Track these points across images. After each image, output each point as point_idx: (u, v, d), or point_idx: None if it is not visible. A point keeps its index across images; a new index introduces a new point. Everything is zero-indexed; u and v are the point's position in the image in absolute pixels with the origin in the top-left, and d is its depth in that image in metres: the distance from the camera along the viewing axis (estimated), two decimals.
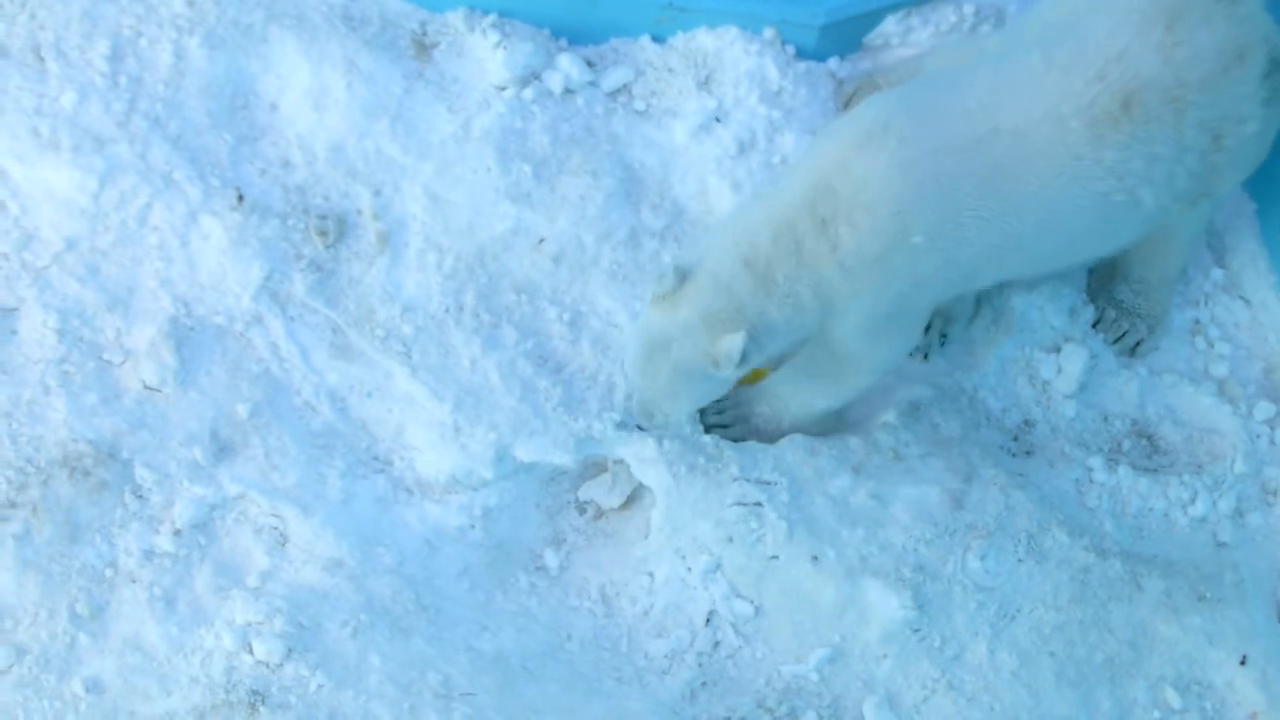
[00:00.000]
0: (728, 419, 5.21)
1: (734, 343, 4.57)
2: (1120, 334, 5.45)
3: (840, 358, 4.90)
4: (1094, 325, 5.46)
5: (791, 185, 4.63)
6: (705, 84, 5.55)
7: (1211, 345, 5.60)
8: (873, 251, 4.56)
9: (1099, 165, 4.59)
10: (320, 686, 4.80)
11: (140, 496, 5.03)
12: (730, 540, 5.07)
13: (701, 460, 5.14)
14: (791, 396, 5.15)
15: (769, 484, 5.12)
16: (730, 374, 4.66)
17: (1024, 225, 4.61)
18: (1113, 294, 5.46)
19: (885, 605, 5.02)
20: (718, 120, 5.52)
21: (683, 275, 4.62)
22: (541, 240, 5.37)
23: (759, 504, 5.08)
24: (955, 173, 4.52)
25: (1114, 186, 4.64)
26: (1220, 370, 5.57)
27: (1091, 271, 5.51)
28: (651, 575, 5.15)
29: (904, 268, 4.60)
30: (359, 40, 5.43)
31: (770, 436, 5.23)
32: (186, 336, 5.19)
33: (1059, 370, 5.47)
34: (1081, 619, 5.10)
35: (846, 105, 5.49)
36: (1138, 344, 5.48)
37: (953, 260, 4.64)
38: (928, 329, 5.33)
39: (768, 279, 4.59)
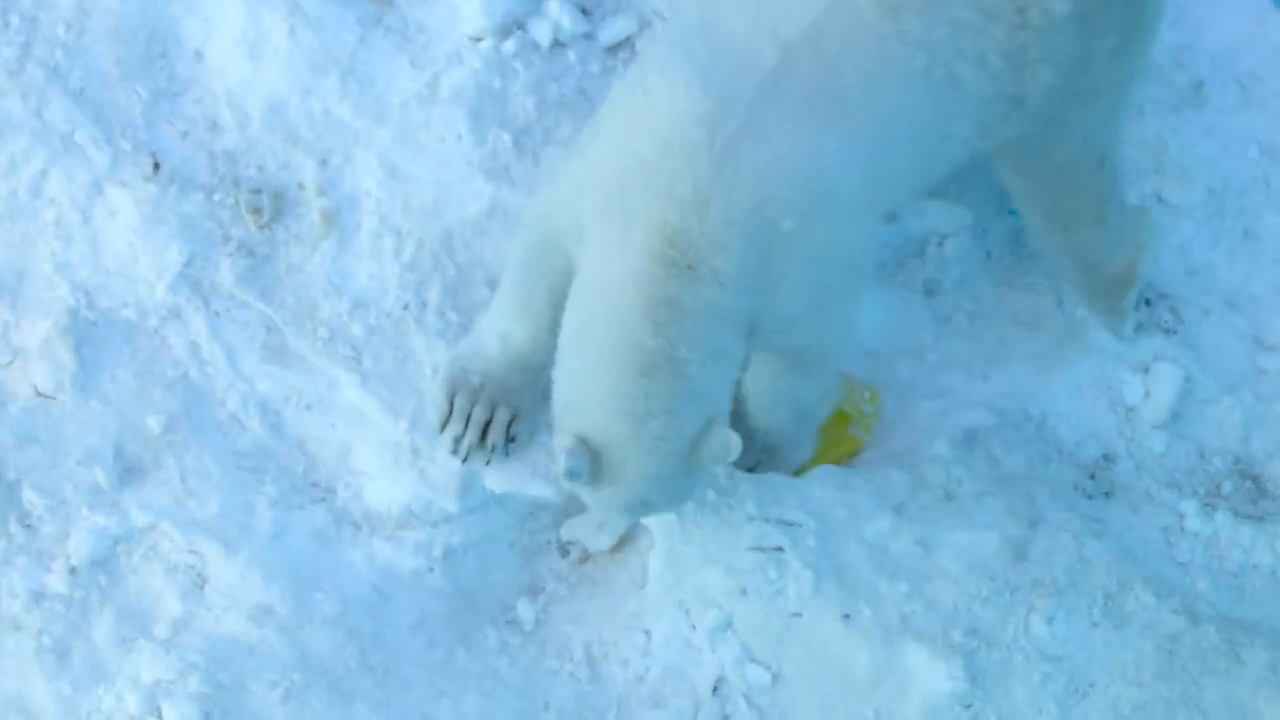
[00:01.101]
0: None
1: (722, 439, 4.65)
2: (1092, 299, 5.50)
3: (796, 354, 4.98)
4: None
5: (619, 258, 4.57)
6: None
7: None
8: (757, 261, 4.55)
9: (904, 40, 4.59)
10: None
11: (28, 526, 5.04)
12: (744, 593, 5.04)
13: (711, 495, 5.12)
14: (777, 414, 5.20)
15: (793, 525, 5.09)
16: (737, 455, 4.71)
17: (872, 139, 4.62)
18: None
19: (930, 675, 4.99)
20: None
21: (587, 447, 4.65)
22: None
23: (780, 549, 5.05)
24: (780, 123, 4.48)
25: (927, 61, 4.64)
26: None
27: None
28: (648, 633, 5.11)
29: (797, 254, 4.60)
30: None
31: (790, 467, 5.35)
32: (88, 333, 5.19)
33: (1147, 394, 5.46)
34: (1168, 697, 5.06)
35: None
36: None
37: (836, 216, 4.65)
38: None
39: (677, 365, 4.57)
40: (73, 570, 4.97)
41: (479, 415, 5.11)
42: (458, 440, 5.14)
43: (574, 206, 4.68)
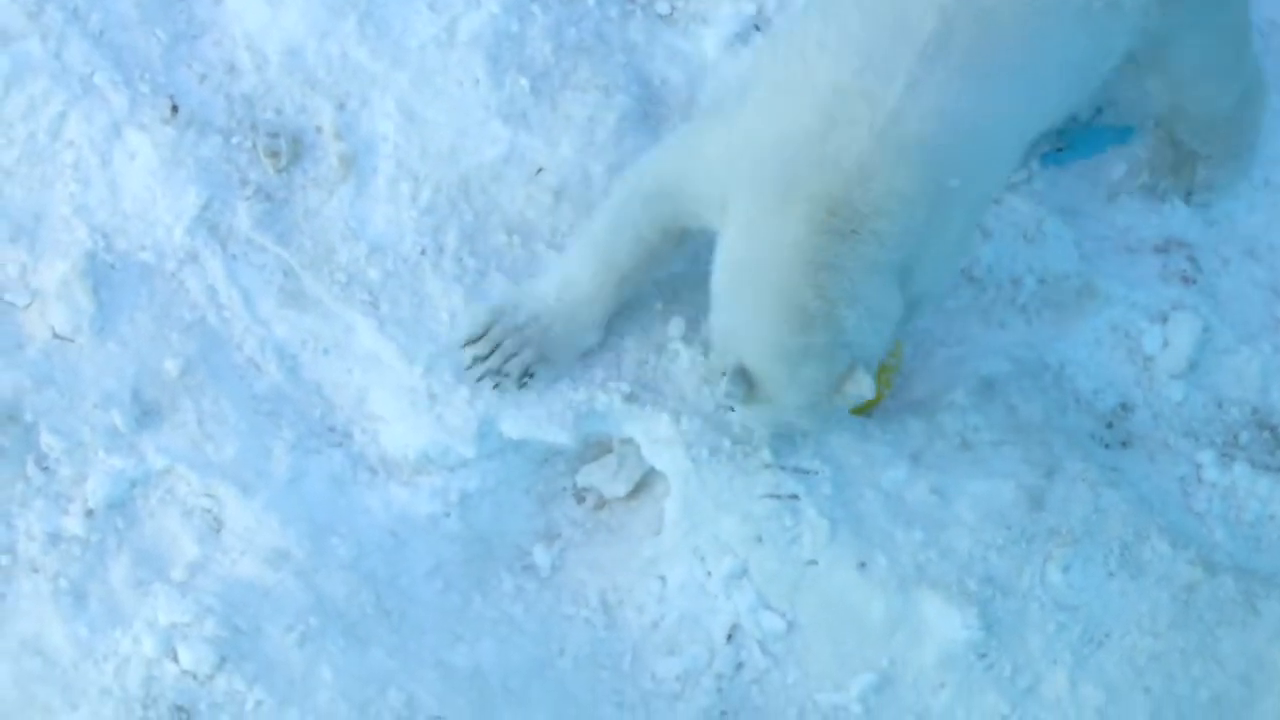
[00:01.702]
0: None
1: (860, 381, 4.76)
2: (1175, 175, 5.55)
3: (920, 295, 4.98)
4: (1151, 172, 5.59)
5: (782, 226, 4.68)
6: None
7: None
8: (921, 220, 4.67)
9: None
10: (259, 703, 4.82)
11: (45, 469, 5.03)
12: (759, 540, 5.05)
13: (727, 442, 5.13)
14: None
15: (808, 473, 5.10)
16: (870, 398, 4.87)
17: (1029, 84, 4.71)
18: (1171, 134, 5.54)
19: (945, 624, 5.01)
20: (757, 28, 5.54)
21: (743, 374, 4.80)
22: (539, 170, 5.36)
23: (795, 497, 5.07)
24: (945, 87, 4.59)
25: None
26: None
27: None
28: (663, 580, 5.12)
29: (960, 206, 4.74)
30: None
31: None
32: (106, 275, 5.20)
33: (1165, 343, 5.45)
34: (1184, 647, 5.07)
35: None
36: (1192, 191, 5.57)
37: (995, 166, 4.83)
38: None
39: (834, 321, 4.71)
40: (90, 513, 4.97)
41: (509, 346, 5.15)
42: (477, 359, 5.17)
43: (718, 176, 4.80)
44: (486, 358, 5.19)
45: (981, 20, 4.57)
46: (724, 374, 4.79)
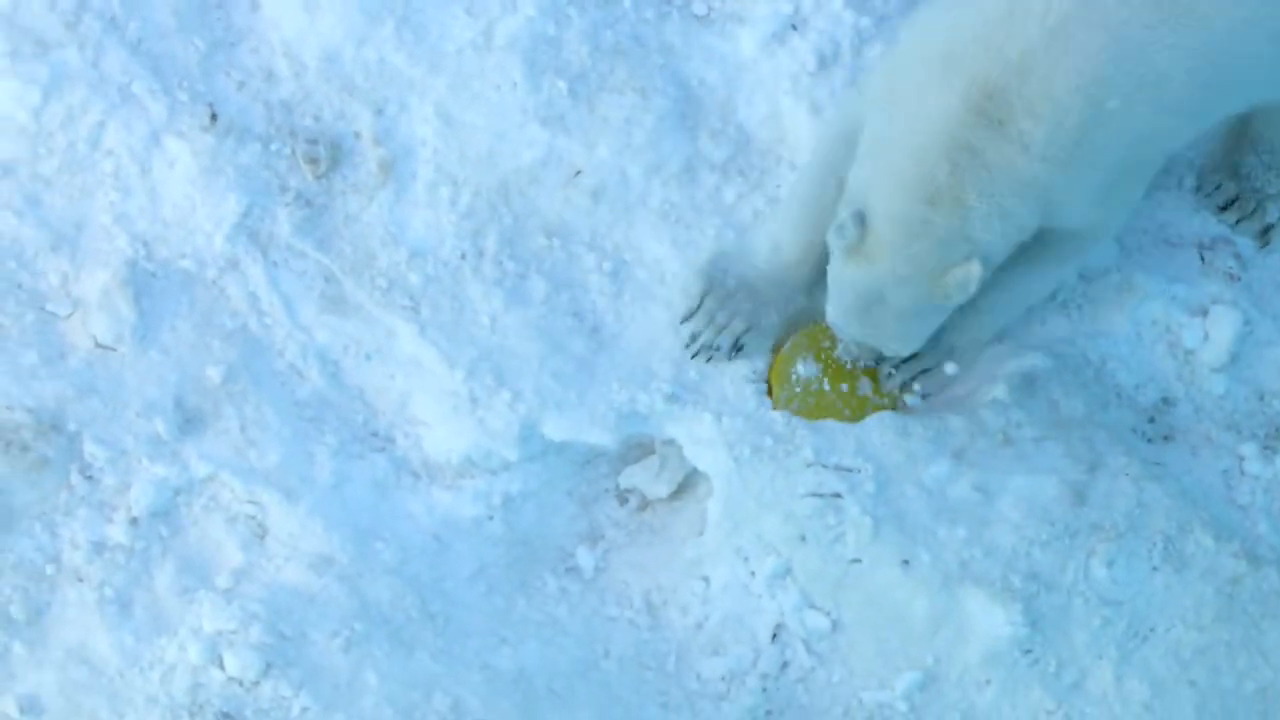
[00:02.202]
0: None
1: (970, 272, 4.81)
2: (1245, 214, 5.48)
3: (1067, 237, 5.07)
4: (1215, 203, 5.51)
5: (939, 98, 4.79)
6: None
7: None
8: (1070, 135, 4.74)
9: None
10: (305, 709, 4.83)
11: (89, 477, 5.04)
12: (803, 539, 5.06)
13: (769, 441, 5.14)
14: (1009, 296, 5.28)
15: (850, 471, 5.11)
16: (963, 299, 4.91)
17: (1214, 42, 4.74)
18: (1238, 166, 5.50)
19: (989, 620, 5.00)
20: (794, 28, 5.54)
21: (861, 222, 4.84)
22: (578, 172, 5.39)
23: (838, 495, 5.07)
24: (1122, 6, 4.68)
25: None
26: None
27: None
28: (706, 580, 5.13)
29: (1114, 135, 4.79)
30: None
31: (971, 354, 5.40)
32: (147, 284, 5.22)
33: (1206, 337, 5.44)
34: (1229, 640, 5.07)
35: None
36: (1268, 229, 5.50)
37: (1163, 105, 4.81)
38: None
39: (961, 205, 4.79)
40: (134, 521, 4.98)
41: (721, 319, 5.21)
42: (695, 336, 5.22)
43: (891, 70, 4.94)
44: (700, 334, 5.23)
45: None
46: (848, 213, 4.84)
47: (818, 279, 5.17)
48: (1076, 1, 4.67)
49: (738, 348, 5.20)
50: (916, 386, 5.31)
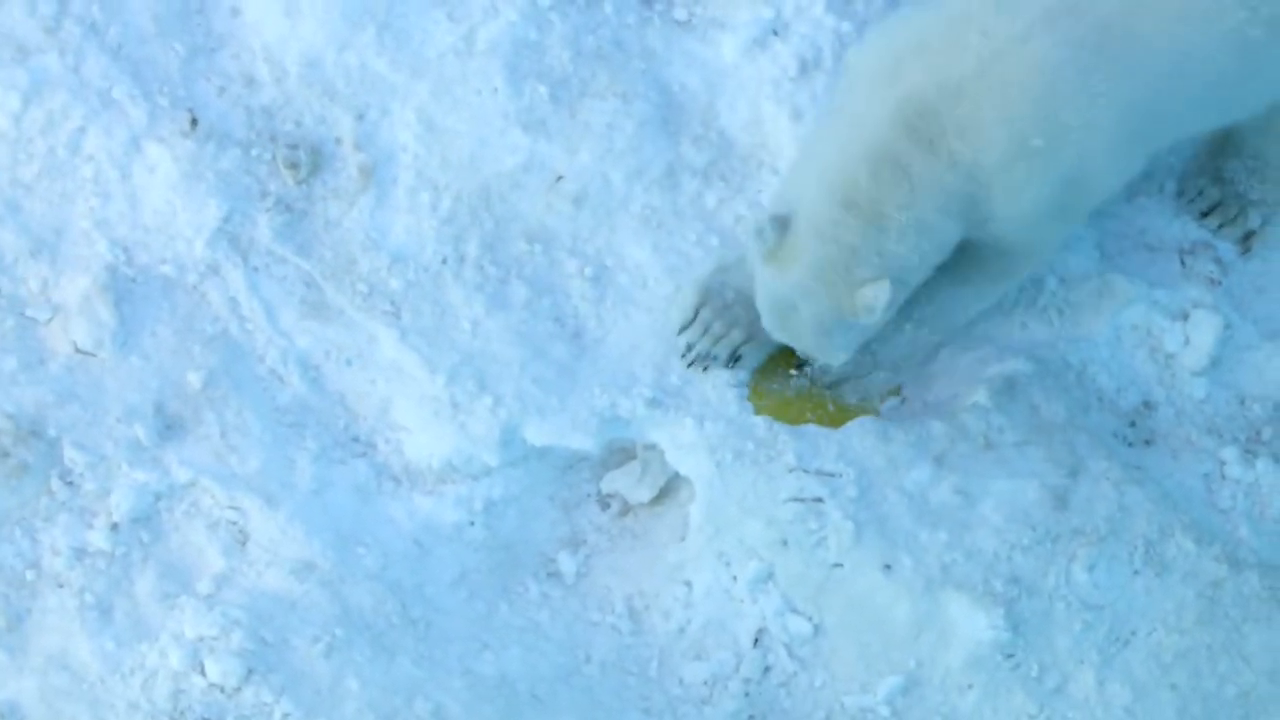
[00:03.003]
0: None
1: (878, 293, 4.83)
2: (1228, 219, 5.50)
3: (999, 254, 5.10)
4: (1197, 209, 5.52)
5: (872, 110, 4.85)
6: None
7: None
8: (995, 163, 4.81)
9: None
10: (286, 715, 4.82)
11: (70, 483, 5.04)
12: (785, 544, 5.06)
13: (750, 446, 5.14)
14: (939, 310, 5.29)
15: (832, 476, 5.11)
16: (877, 320, 4.91)
17: (1153, 85, 4.79)
18: (1220, 170, 5.51)
19: (971, 625, 5.01)
20: (775, 33, 5.52)
21: (782, 226, 4.87)
22: (559, 178, 5.38)
23: (820, 500, 5.07)
24: (1056, 50, 4.74)
25: (1248, 16, 4.76)
26: None
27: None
28: (688, 585, 5.13)
29: (1038, 172, 4.85)
30: None
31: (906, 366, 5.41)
32: (127, 289, 5.21)
33: (1186, 341, 5.43)
34: (1210, 644, 5.08)
35: None
36: (1250, 234, 5.51)
37: (1089, 150, 4.86)
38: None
39: (878, 216, 4.82)
40: (115, 527, 4.97)
41: (719, 330, 5.22)
42: (690, 347, 5.22)
43: (846, 73, 5.03)
44: (696, 344, 5.24)
45: (1124, 3, 4.73)
46: (767, 217, 4.86)
47: None
48: (1014, 36, 4.74)
49: (735, 358, 5.21)
50: (888, 393, 5.36)
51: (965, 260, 5.10)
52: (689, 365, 5.24)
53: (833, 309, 4.88)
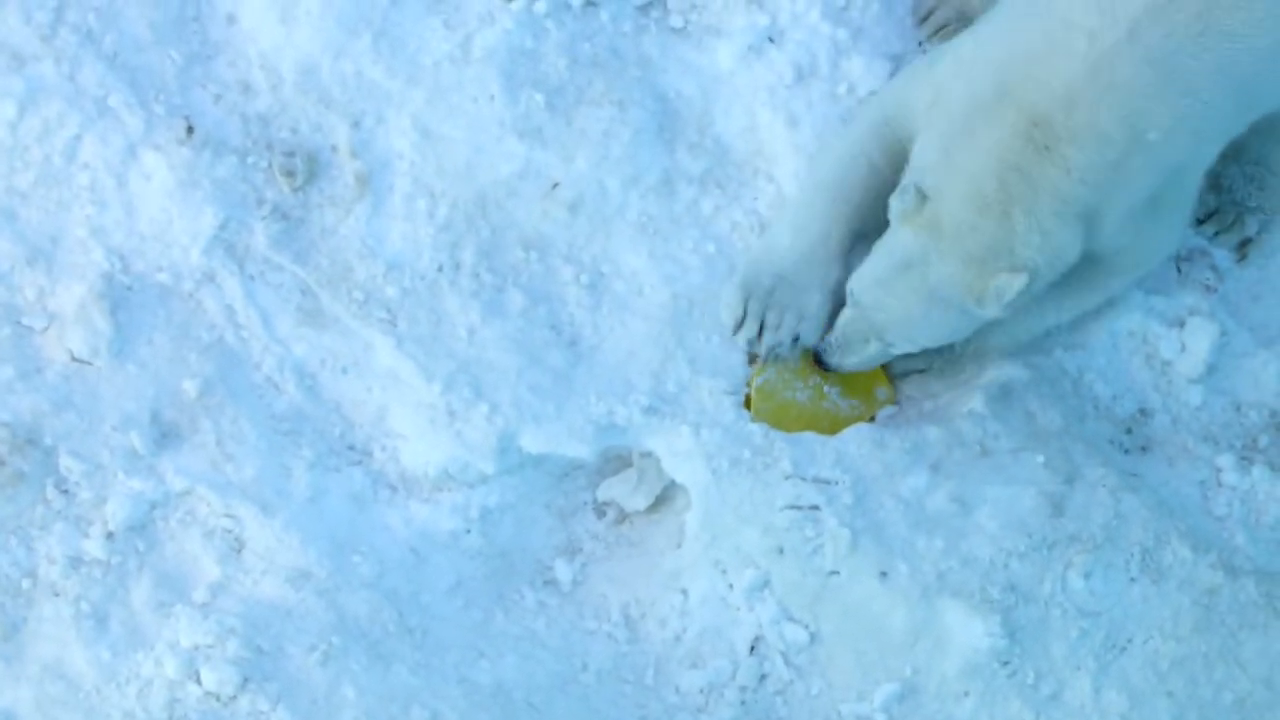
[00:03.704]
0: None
1: (1013, 282, 4.92)
2: (1224, 226, 5.51)
3: (1101, 260, 5.16)
4: (1193, 215, 5.52)
5: (986, 125, 4.94)
6: None
7: None
8: (1111, 162, 4.88)
9: None
10: None
11: (65, 492, 5.04)
12: (781, 551, 5.06)
13: (747, 454, 5.15)
14: (1049, 308, 5.34)
15: (828, 483, 5.11)
16: (993, 312, 4.98)
17: (1257, 64, 4.87)
18: (1218, 176, 5.50)
19: (968, 632, 5.02)
20: (771, 40, 5.51)
21: (923, 196, 4.96)
22: (555, 185, 5.38)
23: (816, 507, 5.08)
24: (1164, 43, 4.81)
25: None
26: None
27: None
28: (685, 593, 5.13)
29: (1153, 163, 4.93)
30: None
31: (977, 361, 5.44)
32: (123, 298, 5.20)
33: (1183, 349, 5.45)
34: (1206, 651, 5.08)
35: (924, 22, 5.56)
36: (1246, 242, 5.53)
37: (1202, 133, 4.97)
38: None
39: (1006, 218, 4.93)
40: (110, 535, 4.97)
41: (771, 320, 5.25)
42: (751, 342, 5.26)
43: (944, 86, 5.11)
44: (756, 339, 5.27)
45: None
46: (912, 183, 4.97)
47: (849, 249, 5.27)
48: (1120, 36, 4.81)
49: (795, 339, 5.25)
50: (881, 394, 5.36)
51: (1080, 265, 5.18)
52: (752, 364, 5.29)
53: (960, 286, 4.95)
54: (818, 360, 5.24)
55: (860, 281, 5.14)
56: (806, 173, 5.30)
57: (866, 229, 5.22)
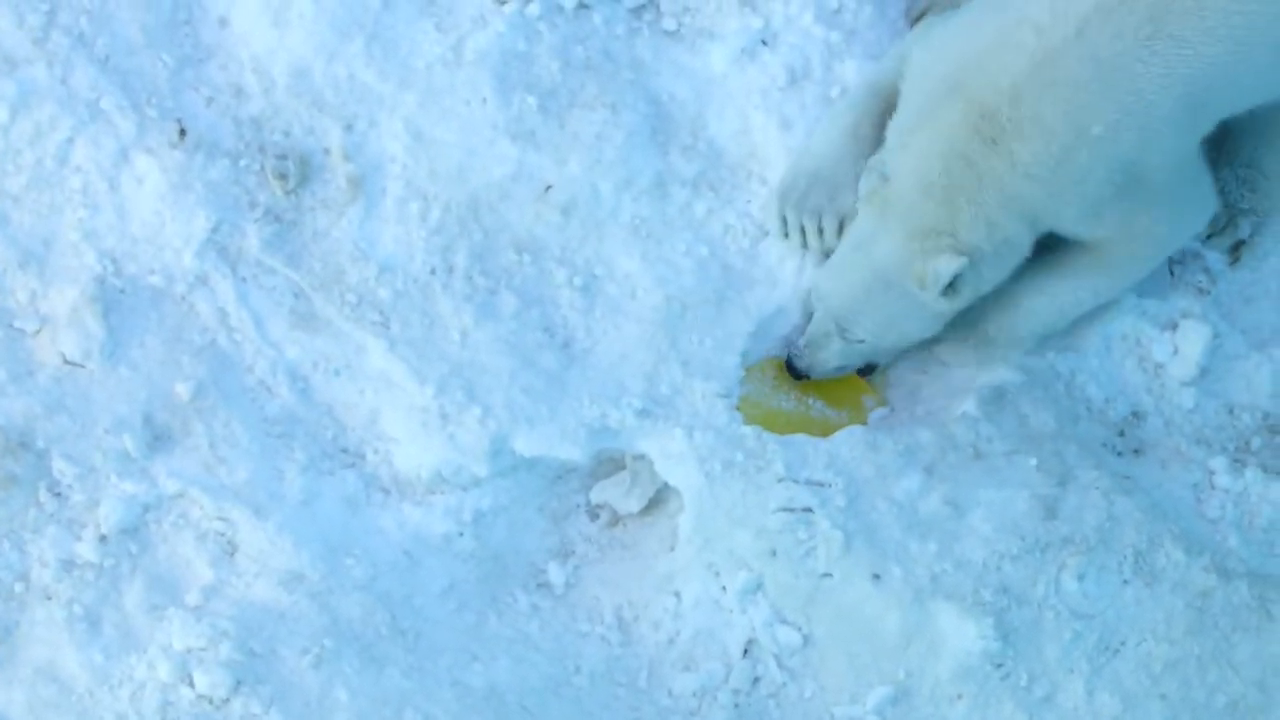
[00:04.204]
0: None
1: (946, 265, 5.02)
2: (1217, 229, 5.51)
3: (1094, 250, 5.21)
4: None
5: (940, 111, 5.03)
6: None
7: None
8: (1054, 156, 4.96)
9: None
10: None
11: (58, 494, 5.04)
12: (774, 554, 5.06)
13: (740, 456, 5.15)
14: (1043, 301, 5.37)
15: (821, 485, 5.11)
16: (932, 301, 5.08)
17: (1210, 64, 4.90)
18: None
19: (961, 635, 5.01)
20: (764, 43, 5.53)
21: (884, 177, 5.08)
22: (548, 188, 5.38)
23: (809, 510, 5.07)
24: (1112, 43, 4.88)
25: None
26: None
27: None
28: (678, 595, 5.13)
29: (1098, 157, 4.98)
30: None
31: (1003, 350, 5.44)
32: (116, 301, 5.20)
33: (1175, 351, 5.45)
34: (1200, 654, 5.08)
35: (916, 23, 5.55)
36: (1239, 244, 5.53)
37: (1149, 129, 4.97)
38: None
39: (950, 205, 5.03)
40: (103, 538, 4.97)
41: (810, 226, 5.33)
42: (804, 246, 5.36)
43: (917, 69, 5.21)
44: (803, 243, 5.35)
45: None
46: (874, 169, 5.07)
47: (871, 151, 5.30)
48: (1069, 33, 4.87)
49: (837, 231, 5.33)
50: (869, 403, 5.37)
51: (1072, 252, 5.24)
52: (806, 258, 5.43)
53: (901, 266, 5.05)
54: (789, 367, 5.29)
55: (821, 270, 5.22)
56: (843, 99, 5.40)
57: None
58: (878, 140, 5.28)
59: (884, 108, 5.27)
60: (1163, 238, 5.26)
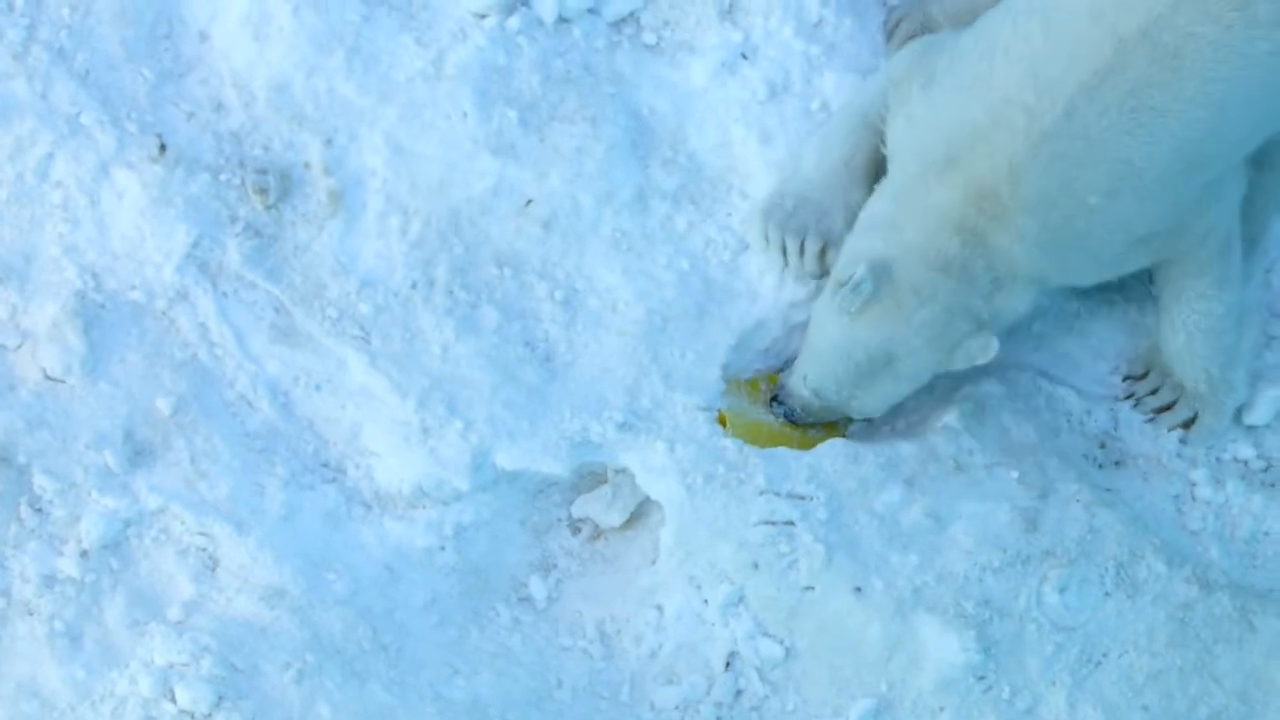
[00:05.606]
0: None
1: (985, 345, 5.06)
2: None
3: (1189, 256, 5.25)
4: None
5: (939, 190, 5.03)
6: (729, 12, 5.56)
7: None
8: (1056, 225, 4.97)
9: (1254, 25, 4.82)
10: None
11: (39, 510, 5.02)
12: (756, 567, 5.06)
13: (721, 469, 5.15)
14: (1212, 341, 5.35)
15: (803, 499, 5.11)
16: (989, 359, 5.11)
17: (1196, 125, 4.90)
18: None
19: (943, 647, 5.02)
20: (744, 57, 5.53)
21: (879, 278, 5.02)
22: (529, 202, 5.38)
23: (790, 523, 5.08)
24: (1099, 119, 4.87)
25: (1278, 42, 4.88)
26: None
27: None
28: (660, 609, 5.13)
29: (1096, 224, 5.00)
30: None
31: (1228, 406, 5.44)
32: (96, 315, 5.19)
33: None
34: (1181, 665, 5.10)
35: (891, 36, 5.58)
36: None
37: (1144, 191, 4.97)
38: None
39: (969, 276, 5.04)
40: (84, 554, 4.96)
41: (791, 246, 5.32)
42: (786, 263, 5.34)
43: (902, 135, 5.18)
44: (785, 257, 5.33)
45: (1159, 58, 4.82)
46: (867, 267, 5.01)
47: (872, 174, 5.32)
48: (1058, 114, 4.88)
49: (823, 253, 5.31)
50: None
51: (1169, 273, 5.27)
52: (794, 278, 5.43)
53: (933, 361, 5.08)
54: (775, 402, 5.31)
55: (819, 379, 5.22)
56: (832, 118, 5.38)
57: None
58: (869, 175, 5.29)
59: (876, 141, 5.25)
60: (1223, 220, 5.25)
